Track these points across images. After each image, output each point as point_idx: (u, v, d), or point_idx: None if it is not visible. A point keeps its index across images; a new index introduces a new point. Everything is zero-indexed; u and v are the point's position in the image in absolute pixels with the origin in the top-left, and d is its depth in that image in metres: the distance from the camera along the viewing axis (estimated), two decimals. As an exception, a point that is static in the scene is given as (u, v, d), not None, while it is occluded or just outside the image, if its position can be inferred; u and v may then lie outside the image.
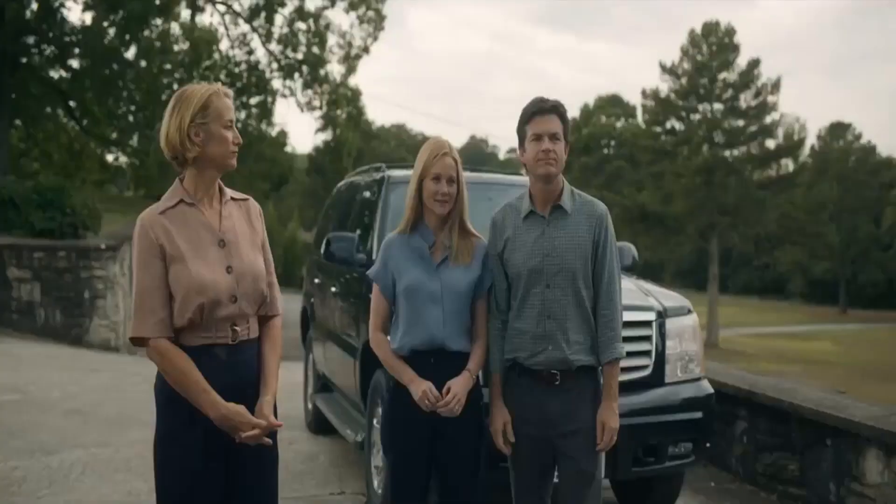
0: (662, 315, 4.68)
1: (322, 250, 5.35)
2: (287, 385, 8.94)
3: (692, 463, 4.73)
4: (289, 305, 9.72)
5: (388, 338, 3.39)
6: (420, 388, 3.22)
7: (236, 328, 2.75)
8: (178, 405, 2.68)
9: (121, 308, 13.43)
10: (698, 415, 4.66)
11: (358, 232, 5.77)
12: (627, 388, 4.19)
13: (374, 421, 4.87)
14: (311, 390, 7.24)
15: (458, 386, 3.24)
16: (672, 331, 4.68)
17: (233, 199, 2.89)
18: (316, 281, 7.04)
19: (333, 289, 6.16)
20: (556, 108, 3.31)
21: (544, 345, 3.26)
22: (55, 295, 12.84)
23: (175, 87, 23.65)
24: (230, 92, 2.84)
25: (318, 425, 6.88)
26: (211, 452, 2.70)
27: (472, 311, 3.40)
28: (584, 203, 3.38)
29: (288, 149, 31.06)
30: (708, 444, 4.77)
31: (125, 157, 30.59)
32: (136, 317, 2.69)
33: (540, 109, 3.30)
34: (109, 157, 31.18)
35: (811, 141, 51.76)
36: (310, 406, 7.20)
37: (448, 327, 3.28)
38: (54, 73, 24.80)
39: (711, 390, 4.82)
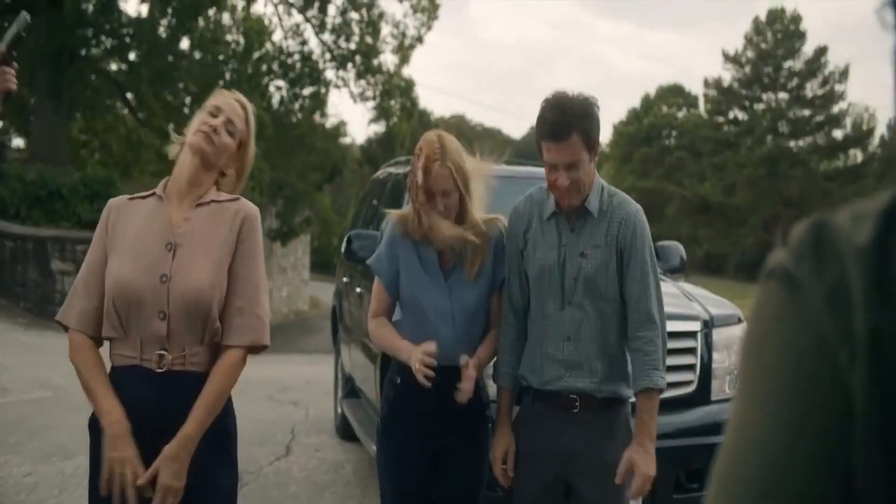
0: (709, 324, 4.21)
1: (343, 248, 5.00)
2: (321, 384, 8.75)
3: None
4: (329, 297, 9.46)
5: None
6: (416, 354, 2.71)
7: (164, 353, 2.27)
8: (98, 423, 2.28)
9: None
10: None
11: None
12: (669, 406, 3.75)
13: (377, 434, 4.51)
14: (340, 394, 6.92)
15: (470, 371, 2.78)
16: (720, 342, 4.22)
17: (215, 201, 2.41)
18: (344, 279, 6.70)
19: (358, 289, 5.81)
20: (574, 128, 2.61)
21: (561, 372, 2.75)
22: (98, 288, 12.78)
23: (228, 77, 23.61)
24: (239, 96, 2.54)
25: (347, 431, 6.55)
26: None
27: (487, 308, 2.98)
28: (615, 205, 2.78)
29: (347, 139, 30.97)
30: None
31: (182, 149, 30.78)
32: (66, 301, 2.37)
33: (552, 136, 2.64)
34: (173, 149, 31.32)
35: (881, 130, 50.14)
36: (339, 410, 6.89)
37: (460, 345, 2.85)
38: (114, 65, 24.95)
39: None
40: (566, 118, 2.62)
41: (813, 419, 0.67)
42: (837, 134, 46.02)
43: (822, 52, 44.82)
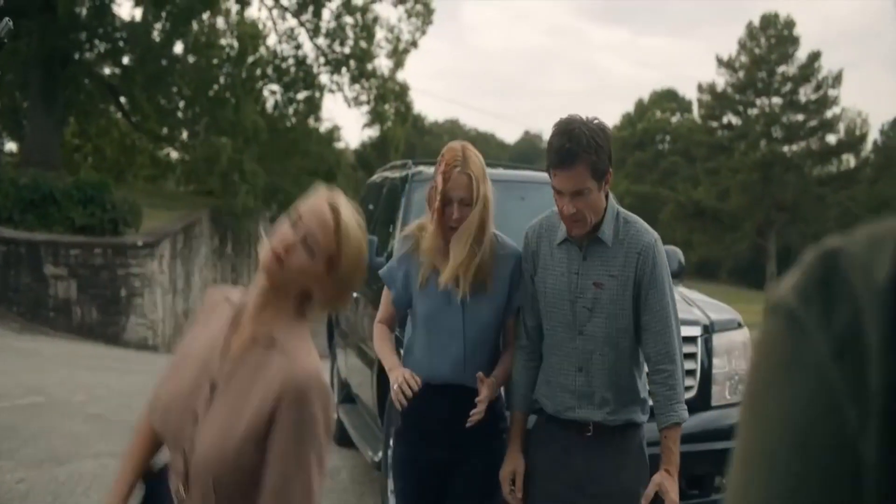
0: (709, 329, 4.18)
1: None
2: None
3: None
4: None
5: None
6: (397, 377, 2.73)
7: (182, 490, 1.90)
8: None
9: (158, 306, 13.26)
10: None
11: (394, 228, 5.39)
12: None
13: (391, 440, 4.47)
14: (336, 399, 6.87)
15: (484, 393, 2.75)
16: (720, 347, 4.19)
17: (275, 341, 1.88)
18: (340, 284, 6.66)
19: (354, 294, 5.77)
20: (579, 156, 2.54)
21: (573, 402, 2.71)
22: (91, 292, 12.72)
23: (222, 81, 23.57)
24: (336, 198, 1.94)
25: (343, 437, 6.50)
26: None
27: (500, 330, 2.94)
28: (629, 233, 2.70)
29: (341, 144, 30.97)
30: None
31: (175, 153, 30.76)
32: None
33: (557, 163, 2.57)
34: (171, 153, 31.27)
35: (874, 136, 50.25)
36: (335, 416, 6.83)
37: (470, 366, 2.80)
38: (107, 69, 24.88)
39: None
40: (572, 145, 2.54)
41: (814, 494, 0.58)
42: (831, 139, 46.13)
43: (815, 57, 44.91)
